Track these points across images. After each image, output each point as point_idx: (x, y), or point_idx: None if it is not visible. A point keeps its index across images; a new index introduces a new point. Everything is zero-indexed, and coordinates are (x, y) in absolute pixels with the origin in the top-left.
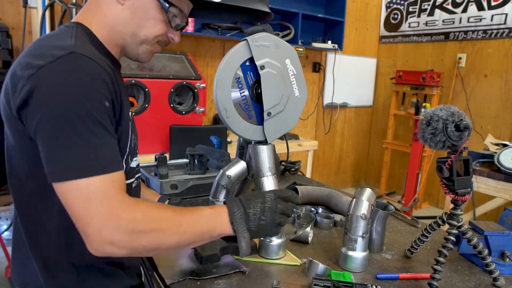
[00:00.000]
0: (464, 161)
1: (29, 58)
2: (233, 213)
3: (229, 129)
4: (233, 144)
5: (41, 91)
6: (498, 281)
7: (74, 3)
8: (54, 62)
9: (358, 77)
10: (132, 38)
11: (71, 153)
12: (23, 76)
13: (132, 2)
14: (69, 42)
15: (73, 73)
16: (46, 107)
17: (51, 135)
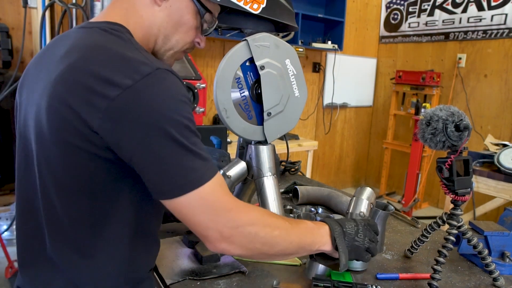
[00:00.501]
0: (464, 161)
1: (105, 72)
2: (334, 229)
3: (229, 129)
4: (233, 144)
5: (137, 111)
6: (498, 281)
7: (74, 3)
8: (144, 81)
9: (358, 77)
10: (163, 42)
11: (183, 167)
12: (106, 95)
13: (169, 4)
14: (141, 56)
15: (168, 91)
16: (144, 127)
17: (158, 153)
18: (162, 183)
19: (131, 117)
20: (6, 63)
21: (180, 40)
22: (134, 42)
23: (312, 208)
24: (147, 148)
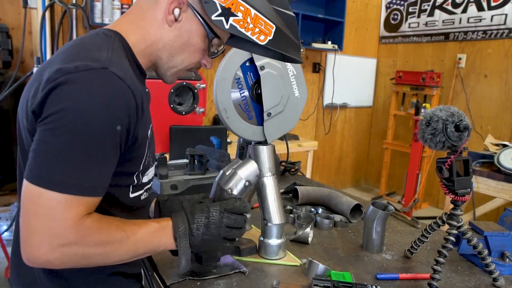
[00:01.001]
0: (464, 161)
1: (62, 63)
2: (177, 228)
3: (229, 129)
4: (233, 144)
5: (59, 94)
6: (498, 281)
7: (74, 3)
8: (83, 72)
9: (358, 78)
10: (167, 59)
11: (59, 164)
12: (48, 78)
13: (179, 26)
14: (105, 55)
15: (96, 90)
16: (57, 111)
17: (49, 139)
18: (32, 161)
19: (52, 98)
20: (6, 63)
21: (185, 60)
22: (114, 46)
23: (312, 208)
24: (45, 129)
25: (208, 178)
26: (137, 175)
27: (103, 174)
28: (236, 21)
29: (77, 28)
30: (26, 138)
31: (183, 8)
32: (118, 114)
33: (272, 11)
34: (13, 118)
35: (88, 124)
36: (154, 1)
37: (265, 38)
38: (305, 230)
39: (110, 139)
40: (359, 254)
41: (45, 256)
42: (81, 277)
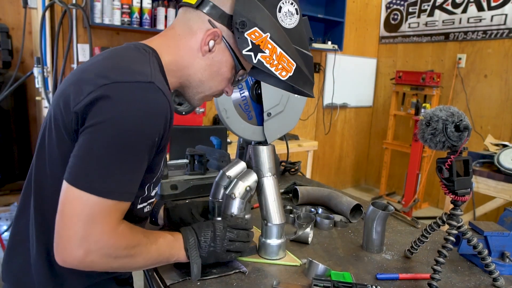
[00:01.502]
0: (464, 161)
1: (105, 70)
2: (188, 240)
3: (229, 129)
4: (233, 144)
5: (108, 102)
6: (498, 281)
7: (74, 3)
8: (132, 83)
9: (358, 78)
10: (197, 84)
11: (101, 168)
12: (94, 83)
13: (212, 56)
14: (148, 70)
15: (144, 102)
16: (107, 118)
17: (95, 143)
18: (73, 165)
19: (101, 106)
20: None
21: (213, 87)
22: (153, 61)
23: (312, 208)
24: (89, 133)
25: (208, 178)
26: (148, 186)
27: (137, 181)
28: (263, 57)
29: (77, 28)
30: (58, 134)
31: (217, 41)
32: (158, 127)
33: (294, 51)
34: (13, 118)
35: (132, 135)
36: (190, 30)
37: (286, 74)
38: (305, 230)
39: (148, 149)
40: (359, 254)
41: (81, 258)
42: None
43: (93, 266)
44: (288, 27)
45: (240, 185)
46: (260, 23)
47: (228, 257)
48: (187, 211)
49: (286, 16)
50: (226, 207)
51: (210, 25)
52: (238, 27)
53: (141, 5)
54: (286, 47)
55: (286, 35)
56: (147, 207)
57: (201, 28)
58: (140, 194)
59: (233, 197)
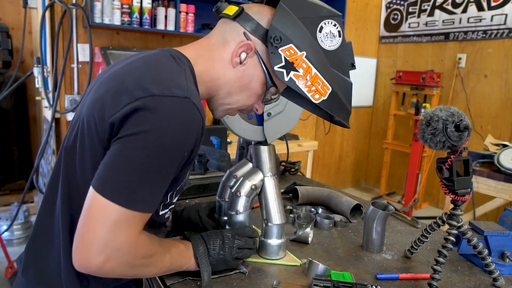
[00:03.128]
0: (464, 161)
1: (143, 81)
2: (197, 248)
3: (229, 129)
4: (233, 144)
5: (144, 114)
6: (498, 281)
7: (74, 3)
8: (169, 98)
9: (358, 77)
10: (224, 96)
11: (129, 179)
12: (133, 94)
13: (243, 69)
14: (185, 84)
15: (179, 118)
16: (140, 129)
17: (127, 152)
18: (102, 174)
19: (137, 118)
20: (6, 63)
21: (240, 101)
22: (188, 73)
23: (312, 208)
24: (122, 144)
25: (208, 178)
26: (171, 194)
27: (162, 193)
28: (296, 75)
29: (77, 28)
30: (91, 141)
31: (249, 54)
32: (190, 142)
33: (332, 74)
34: (13, 118)
35: (165, 149)
36: (224, 41)
37: (319, 97)
38: (305, 230)
39: (177, 163)
40: (359, 254)
41: (101, 264)
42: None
43: (110, 273)
44: (328, 49)
45: (246, 184)
46: (296, 40)
47: (236, 263)
48: (195, 213)
49: (326, 37)
50: (232, 205)
51: (245, 38)
52: (273, 41)
53: (141, 5)
54: (323, 69)
55: (325, 57)
56: (167, 213)
57: (235, 40)
58: (162, 201)
59: (239, 195)
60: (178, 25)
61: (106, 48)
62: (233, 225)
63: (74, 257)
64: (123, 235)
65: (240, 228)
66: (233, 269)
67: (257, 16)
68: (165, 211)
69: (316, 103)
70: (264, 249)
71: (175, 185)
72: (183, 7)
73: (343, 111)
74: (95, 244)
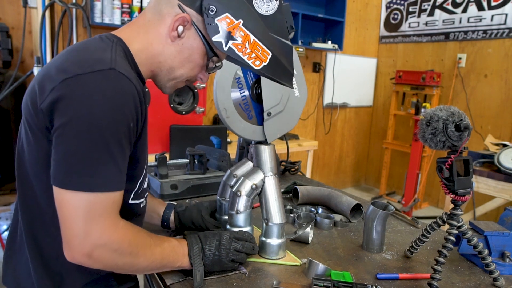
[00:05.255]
0: (464, 161)
1: (66, 64)
2: (192, 247)
3: (229, 129)
4: (233, 144)
5: (72, 98)
6: (498, 281)
7: (74, 3)
8: (92, 74)
9: (358, 77)
10: (167, 71)
11: (83, 165)
12: (55, 79)
13: (181, 42)
14: (109, 56)
15: (108, 90)
16: (73, 115)
17: (70, 142)
18: (56, 168)
19: (66, 103)
20: (6, 63)
21: (184, 74)
22: (115, 48)
23: (312, 208)
24: (63, 133)
25: (208, 178)
26: (141, 181)
27: (124, 169)
28: (235, 44)
29: (77, 27)
30: (34, 134)
31: (186, 26)
32: (130, 112)
33: (271, 39)
34: (13, 118)
35: (103, 125)
36: (159, 16)
37: (260, 64)
38: (305, 230)
39: (125, 135)
40: (359, 254)
41: (88, 253)
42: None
43: (100, 261)
44: (264, 13)
45: (247, 183)
46: (232, 9)
47: (233, 265)
48: (197, 213)
49: (262, 2)
50: (232, 205)
51: (180, 10)
52: (208, 12)
53: (141, 4)
54: (262, 35)
55: (263, 22)
56: (143, 202)
57: (170, 13)
58: (131, 188)
59: (239, 194)
60: None
61: None
62: (233, 225)
63: (65, 253)
64: (101, 221)
65: (239, 232)
66: (233, 270)
67: None
68: (139, 201)
69: (257, 69)
70: (264, 249)
71: (139, 167)
72: None
73: (285, 74)
74: (76, 236)
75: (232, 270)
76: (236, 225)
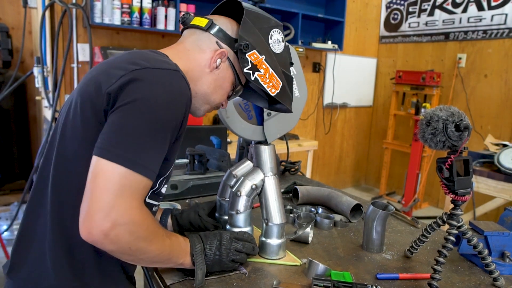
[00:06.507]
0: (464, 161)
1: (134, 59)
2: (194, 246)
3: (229, 129)
4: (233, 144)
5: (140, 84)
6: (498, 281)
7: (74, 3)
8: (160, 70)
9: (358, 77)
10: (202, 96)
11: (132, 142)
12: (125, 68)
13: (218, 72)
14: (173, 62)
15: (172, 86)
16: (137, 97)
17: (127, 119)
18: (104, 140)
19: (133, 87)
20: (6, 63)
21: (216, 100)
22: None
23: (312, 208)
24: (121, 111)
25: (208, 178)
26: (160, 181)
27: (160, 161)
28: (259, 75)
29: (77, 27)
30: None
31: (223, 59)
32: (182, 110)
33: (280, 72)
34: (13, 118)
35: (162, 113)
36: (199, 48)
37: (274, 91)
38: (305, 230)
39: (172, 130)
40: (359, 254)
41: (107, 230)
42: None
43: (116, 241)
44: (276, 52)
45: (247, 183)
46: (258, 46)
47: (233, 266)
48: (194, 214)
49: (275, 43)
50: (232, 205)
51: (217, 46)
52: (242, 48)
53: (141, 4)
54: (275, 68)
55: (275, 59)
56: (155, 207)
57: (209, 48)
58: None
59: (239, 194)
60: (178, 25)
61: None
62: (233, 225)
63: (81, 227)
64: (128, 201)
65: (240, 233)
66: (233, 270)
67: (225, 27)
68: (153, 202)
69: (272, 95)
70: (264, 249)
71: (166, 167)
72: (183, 7)
73: (288, 99)
74: (101, 209)
75: (232, 270)
76: (236, 225)
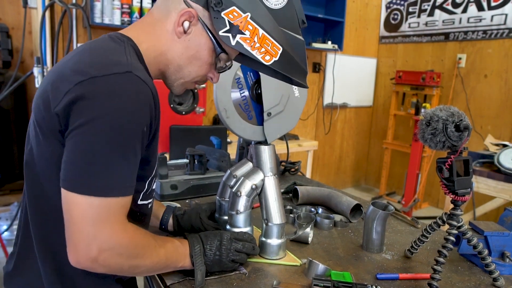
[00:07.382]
0: (464, 161)
1: (80, 65)
2: (193, 247)
3: (229, 129)
4: (233, 144)
5: (89, 100)
6: (498, 281)
7: (74, 3)
8: (109, 76)
9: (358, 77)
10: (175, 70)
11: (97, 168)
12: (70, 80)
13: (188, 38)
14: (125, 59)
15: (124, 94)
16: (88, 117)
17: (83, 145)
18: (66, 170)
19: (83, 105)
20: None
21: (192, 72)
22: (129, 49)
23: (312, 208)
24: (77, 134)
25: (208, 178)
26: (149, 182)
27: (134, 173)
28: (243, 39)
29: (77, 28)
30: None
31: (192, 22)
32: (144, 115)
33: (281, 33)
34: (13, 118)
35: (118, 129)
36: (166, 12)
37: (270, 59)
38: (305, 230)
39: (138, 140)
40: (359, 254)
41: (94, 257)
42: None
43: (106, 266)
44: (274, 7)
45: (247, 184)
46: (239, 1)
47: (233, 266)
48: (196, 216)
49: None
50: (232, 205)
51: (186, 5)
52: (214, 6)
53: (141, 4)
54: (271, 29)
55: (272, 16)
56: (150, 203)
57: (176, 9)
58: (141, 189)
59: (239, 194)
60: None
61: None
62: (233, 225)
63: (69, 256)
64: (108, 225)
65: (240, 234)
66: (233, 270)
67: None
68: (147, 202)
69: (267, 65)
70: (264, 249)
71: (149, 169)
72: None
73: (298, 71)
74: (83, 240)
75: (232, 270)
76: (236, 226)
